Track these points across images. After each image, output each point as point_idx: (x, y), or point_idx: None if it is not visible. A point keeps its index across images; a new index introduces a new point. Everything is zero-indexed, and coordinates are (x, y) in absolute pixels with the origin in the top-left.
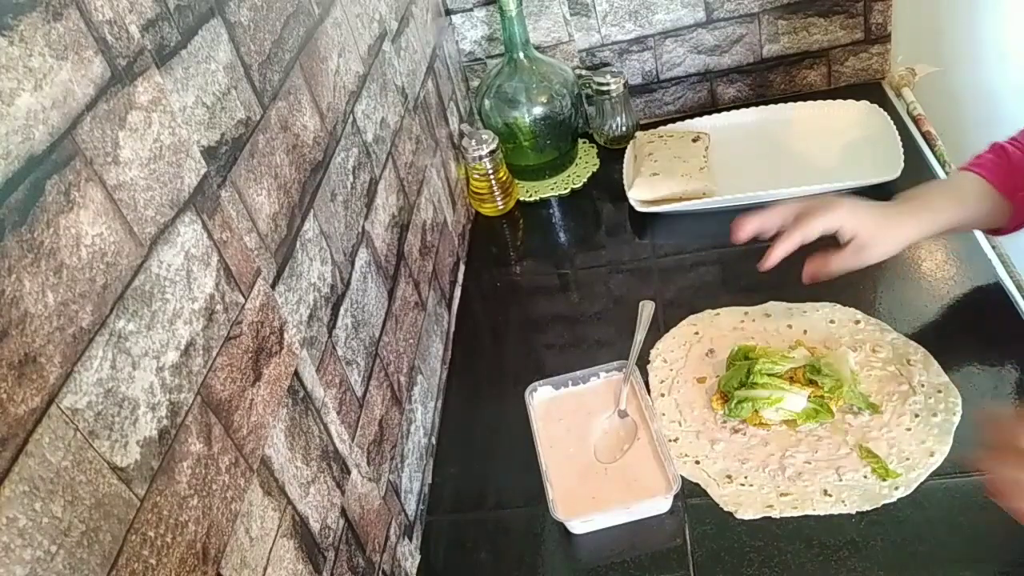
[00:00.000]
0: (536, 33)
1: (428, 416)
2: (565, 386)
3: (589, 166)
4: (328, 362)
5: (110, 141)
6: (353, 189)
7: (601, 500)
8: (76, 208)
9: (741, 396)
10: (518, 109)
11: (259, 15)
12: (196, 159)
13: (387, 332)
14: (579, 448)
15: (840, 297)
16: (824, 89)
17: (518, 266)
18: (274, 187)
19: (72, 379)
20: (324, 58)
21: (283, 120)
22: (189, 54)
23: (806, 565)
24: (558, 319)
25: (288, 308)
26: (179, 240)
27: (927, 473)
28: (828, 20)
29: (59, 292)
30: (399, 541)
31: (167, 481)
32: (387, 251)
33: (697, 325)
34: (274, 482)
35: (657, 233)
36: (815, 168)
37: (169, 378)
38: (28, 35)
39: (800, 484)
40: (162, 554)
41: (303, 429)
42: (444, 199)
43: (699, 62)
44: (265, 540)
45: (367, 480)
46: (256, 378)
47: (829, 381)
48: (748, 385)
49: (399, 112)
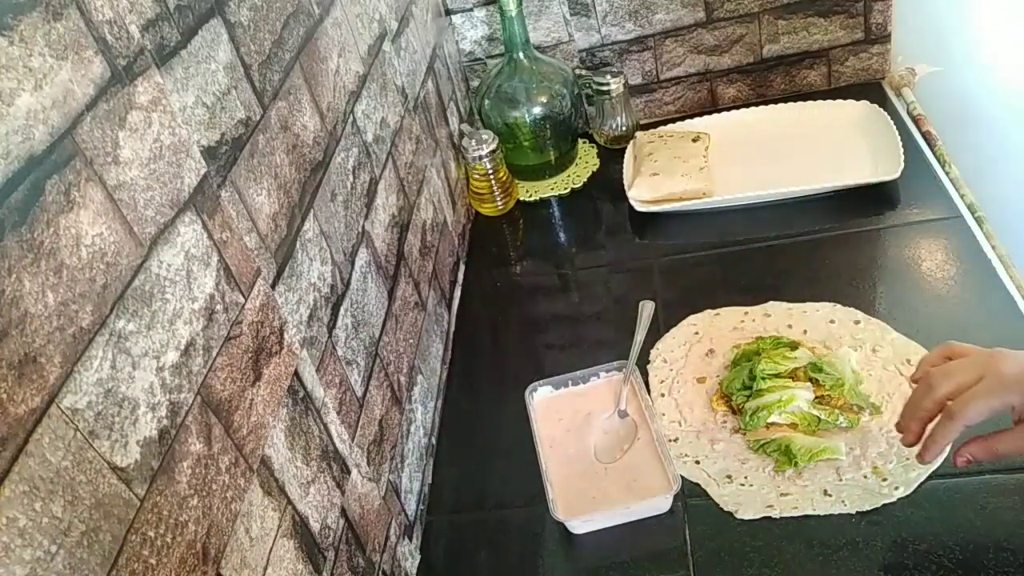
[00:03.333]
0: (536, 33)
1: (428, 416)
2: (565, 386)
3: (589, 166)
4: (328, 362)
5: (110, 141)
6: (353, 189)
7: (601, 500)
8: (76, 208)
9: (752, 407)
10: (518, 109)
11: (259, 15)
12: (196, 159)
13: (387, 332)
14: (579, 448)
15: (840, 297)
16: (824, 89)
17: (518, 266)
18: (274, 187)
19: (72, 379)
20: (324, 58)
21: (283, 120)
22: (189, 54)
23: (806, 565)
24: (558, 319)
25: (288, 308)
26: (179, 240)
27: (927, 473)
28: (828, 20)
29: (59, 292)
30: (399, 541)
31: (167, 481)
32: (387, 251)
33: (697, 325)
34: (274, 482)
35: (657, 233)
36: (815, 168)
37: (169, 378)
38: (28, 35)
39: (800, 484)
40: (162, 554)
41: (303, 429)
42: (444, 199)
43: (699, 62)
44: (265, 540)
45: (367, 480)
46: (256, 378)
47: (830, 380)
48: (755, 393)
49: (399, 112)
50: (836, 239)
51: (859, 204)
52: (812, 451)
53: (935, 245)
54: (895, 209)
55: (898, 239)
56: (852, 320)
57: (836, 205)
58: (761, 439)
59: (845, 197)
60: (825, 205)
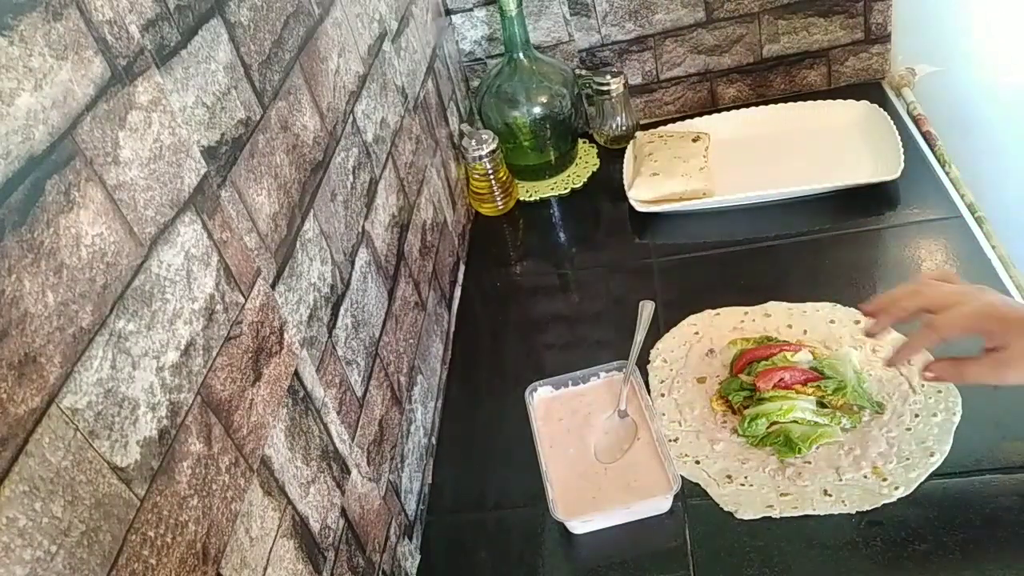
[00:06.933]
0: (536, 33)
1: (428, 416)
2: (565, 386)
3: (589, 166)
4: (328, 362)
5: (110, 141)
6: (353, 189)
7: (601, 500)
8: (76, 208)
9: (752, 413)
10: (518, 109)
11: (259, 15)
12: (196, 159)
13: (387, 332)
14: (579, 448)
15: (840, 297)
16: (824, 89)
17: (518, 266)
18: (274, 187)
19: (72, 379)
20: (324, 58)
21: (283, 120)
22: (189, 54)
23: (806, 565)
24: (558, 319)
25: (288, 308)
26: (179, 240)
27: (927, 473)
28: (828, 20)
29: (59, 292)
30: (399, 541)
31: (167, 481)
32: (387, 251)
33: (697, 325)
34: (274, 482)
35: (657, 233)
36: (815, 168)
37: (169, 378)
38: (28, 35)
39: (800, 484)
40: (162, 554)
41: (303, 429)
42: (444, 199)
43: (699, 62)
44: (265, 540)
45: (367, 480)
46: (256, 378)
47: (832, 383)
48: (755, 401)
49: (399, 112)
50: (836, 239)
51: (859, 204)
52: (811, 436)
53: (935, 245)
54: (895, 209)
55: (898, 239)
56: (852, 320)
57: (836, 205)
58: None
59: (845, 197)
60: (825, 205)
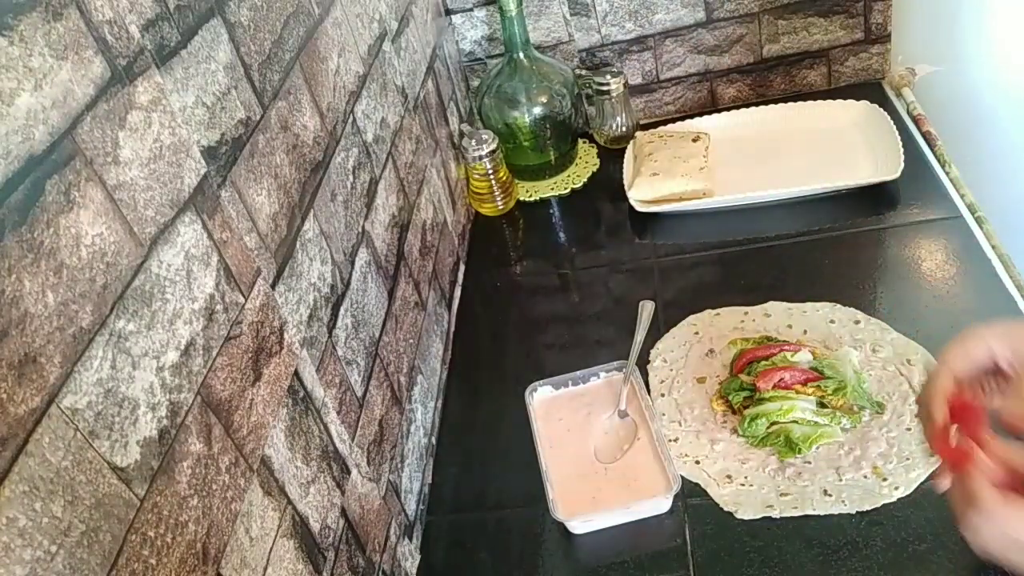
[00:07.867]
0: (536, 33)
1: (428, 416)
2: (565, 386)
3: (589, 166)
4: (328, 362)
5: (110, 141)
6: (353, 189)
7: (601, 500)
8: (76, 208)
9: (752, 413)
10: (518, 109)
11: (259, 15)
12: (196, 159)
13: (387, 332)
14: (579, 448)
15: (840, 297)
16: (824, 89)
17: (518, 266)
18: (274, 187)
19: (72, 379)
20: (324, 58)
21: (283, 120)
22: (189, 54)
23: (806, 565)
24: (558, 319)
25: (288, 308)
26: (179, 240)
27: (927, 473)
28: (828, 20)
29: (59, 292)
30: (399, 541)
31: (167, 481)
32: (387, 251)
33: (697, 325)
34: (274, 482)
35: (657, 233)
36: (815, 168)
37: (169, 378)
38: (28, 35)
39: (800, 484)
40: (162, 554)
41: (303, 429)
42: (444, 199)
43: (699, 62)
44: (265, 540)
45: (367, 480)
46: (256, 378)
47: (832, 383)
48: (756, 400)
49: (399, 112)
50: (836, 239)
51: (859, 204)
52: (811, 436)
53: (935, 245)
54: (895, 209)
55: (898, 239)
56: (852, 320)
57: (836, 205)
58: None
59: (845, 197)
60: (825, 205)
